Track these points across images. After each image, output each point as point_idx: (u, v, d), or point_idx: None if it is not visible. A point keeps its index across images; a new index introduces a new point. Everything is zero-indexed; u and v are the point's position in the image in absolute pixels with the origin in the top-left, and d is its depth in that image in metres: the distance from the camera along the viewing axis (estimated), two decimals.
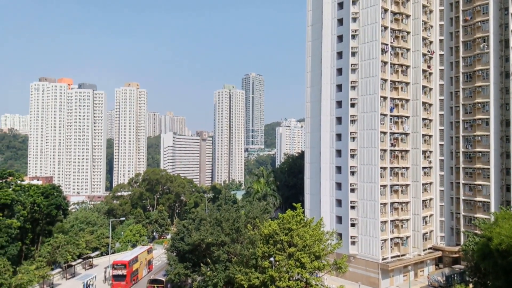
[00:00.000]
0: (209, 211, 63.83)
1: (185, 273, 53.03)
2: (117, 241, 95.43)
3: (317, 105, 74.12)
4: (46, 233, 71.91)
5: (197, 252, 53.71)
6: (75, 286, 62.77)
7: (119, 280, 62.79)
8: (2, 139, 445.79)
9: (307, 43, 77.76)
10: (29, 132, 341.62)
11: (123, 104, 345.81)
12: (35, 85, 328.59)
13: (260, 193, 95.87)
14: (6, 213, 57.84)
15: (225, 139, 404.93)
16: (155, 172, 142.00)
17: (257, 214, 55.21)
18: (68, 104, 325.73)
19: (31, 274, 52.80)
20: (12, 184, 66.98)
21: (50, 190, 69.68)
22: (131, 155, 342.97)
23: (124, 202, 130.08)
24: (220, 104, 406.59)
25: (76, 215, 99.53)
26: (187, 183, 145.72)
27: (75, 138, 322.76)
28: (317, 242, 44.81)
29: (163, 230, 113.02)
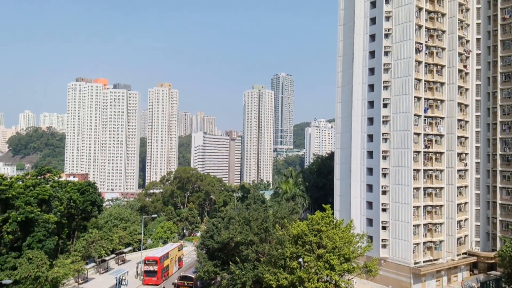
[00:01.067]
0: (238, 210, 64.35)
1: (214, 270, 53.68)
2: (149, 238, 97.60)
3: (348, 105, 73.25)
4: (81, 228, 74.32)
5: (226, 251, 54.25)
6: (108, 281, 64.61)
7: (151, 275, 64.29)
8: (41, 137, 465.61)
9: (338, 42, 76.98)
10: (66, 131, 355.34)
11: (156, 104, 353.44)
12: (72, 85, 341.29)
13: (289, 193, 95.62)
14: (44, 208, 60.05)
15: (254, 139, 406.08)
16: (186, 170, 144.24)
17: (285, 214, 55.21)
18: (103, 103, 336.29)
19: (66, 267, 54.73)
20: (50, 180, 69.56)
21: (86, 187, 72.03)
22: (163, 153, 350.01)
23: (156, 199, 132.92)
24: (250, 104, 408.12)
25: (110, 211, 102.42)
26: (216, 182, 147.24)
27: (110, 136, 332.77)
28: (347, 244, 44.37)
29: (193, 227, 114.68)
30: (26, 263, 49.81)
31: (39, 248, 53.57)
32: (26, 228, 55.15)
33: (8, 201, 54.54)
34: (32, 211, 53.71)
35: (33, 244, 53.86)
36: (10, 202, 54.62)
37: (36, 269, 49.36)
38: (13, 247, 55.48)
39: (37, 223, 55.26)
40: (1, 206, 54.59)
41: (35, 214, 54.21)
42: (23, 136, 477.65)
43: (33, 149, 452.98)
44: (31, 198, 56.10)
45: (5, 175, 60.53)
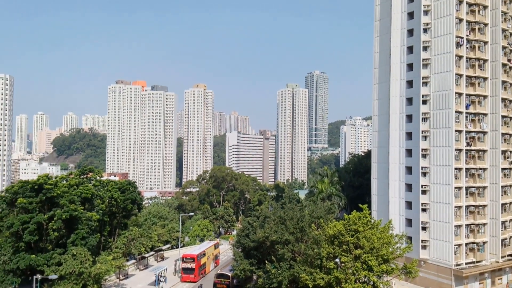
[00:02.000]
0: (273, 209, 64.38)
1: (250, 269, 54.04)
2: (186, 235, 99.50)
3: (385, 102, 71.58)
4: (122, 226, 76.64)
5: (261, 249, 54.47)
6: (148, 277, 66.43)
7: (188, 273, 65.54)
8: (83, 138, 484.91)
9: (374, 38, 75.36)
10: (107, 131, 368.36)
11: (191, 104, 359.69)
12: (112, 87, 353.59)
13: (324, 193, 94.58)
14: (87, 207, 62.47)
15: (288, 138, 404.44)
16: (221, 170, 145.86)
17: (321, 214, 54.70)
18: (142, 105, 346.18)
19: (108, 264, 56.64)
20: (92, 179, 72.36)
21: (126, 186, 74.24)
22: (199, 153, 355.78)
23: (193, 198, 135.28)
24: (283, 103, 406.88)
25: (149, 209, 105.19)
26: (251, 181, 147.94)
27: (148, 137, 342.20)
28: (385, 245, 43.39)
29: (229, 226, 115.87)
30: (70, 259, 51.87)
31: (83, 245, 55.47)
32: (70, 226, 57.49)
33: (53, 200, 57.15)
34: (75, 209, 55.92)
35: (77, 241, 55.82)
36: (55, 201, 57.18)
37: (80, 265, 51.32)
38: (58, 243, 58.08)
39: (80, 221, 57.38)
40: (47, 204, 57.28)
41: (79, 212, 56.42)
42: (67, 137, 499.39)
43: (76, 149, 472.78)
44: (74, 196, 58.40)
45: (50, 174, 63.49)
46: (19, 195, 55.74)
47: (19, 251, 54.90)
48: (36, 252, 55.58)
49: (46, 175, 59.57)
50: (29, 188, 56.39)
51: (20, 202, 54.22)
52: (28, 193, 55.87)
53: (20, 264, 52.84)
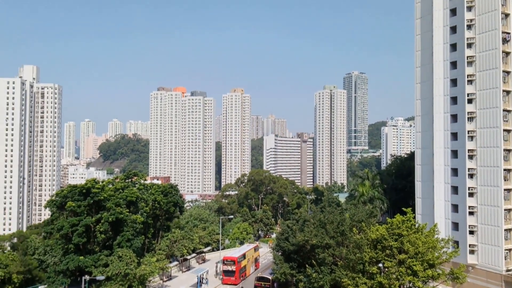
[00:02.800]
0: (312, 212, 63.86)
1: (290, 273, 53.82)
2: (226, 238, 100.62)
3: (428, 102, 69.22)
4: (165, 228, 78.57)
5: (302, 253, 54.13)
6: (190, 279, 67.65)
7: (229, 275, 66.16)
8: (128, 143, 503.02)
9: (415, 36, 73.15)
10: (150, 137, 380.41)
11: (229, 109, 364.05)
12: (154, 94, 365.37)
13: (366, 196, 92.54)
14: (131, 210, 64.50)
15: (326, 141, 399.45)
16: (259, 173, 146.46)
17: (362, 217, 53.61)
18: (182, 110, 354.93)
19: (152, 265, 58.14)
20: (136, 183, 74.76)
21: (169, 189, 76.18)
22: (237, 156, 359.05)
23: (232, 201, 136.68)
24: (321, 105, 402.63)
25: (190, 212, 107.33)
26: (289, 184, 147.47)
27: (188, 141, 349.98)
28: (430, 249, 41.87)
29: (268, 229, 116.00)
30: (116, 261, 53.62)
31: (128, 247, 57.12)
32: (116, 228, 59.51)
33: (100, 203, 59.47)
34: (121, 212, 57.86)
35: (122, 243, 57.52)
36: (102, 204, 59.43)
37: (126, 267, 52.96)
38: (105, 245, 60.17)
39: (126, 223, 59.26)
40: (95, 207, 59.70)
41: (124, 215, 58.33)
42: (112, 142, 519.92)
43: (121, 154, 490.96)
44: (120, 200, 60.46)
45: (97, 179, 66.20)
46: (68, 199, 58.32)
47: (68, 253, 57.11)
48: (84, 253, 57.68)
49: (94, 180, 62.08)
50: (77, 192, 58.92)
51: (69, 206, 56.71)
52: (76, 197, 58.39)
53: (70, 265, 54.82)
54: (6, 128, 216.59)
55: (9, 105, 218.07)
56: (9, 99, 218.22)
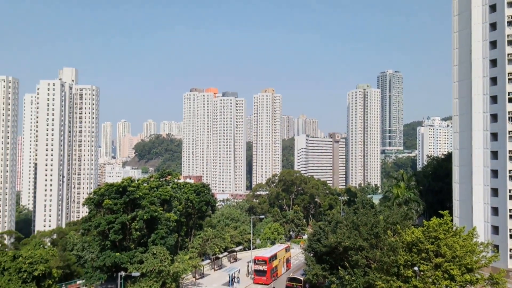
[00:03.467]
0: (345, 214, 63.00)
1: (322, 274, 53.31)
2: (257, 238, 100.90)
3: (466, 101, 66.80)
4: (197, 227, 79.74)
5: (334, 255, 53.50)
6: (222, 277, 68.25)
7: (260, 275, 66.25)
8: (162, 143, 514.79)
9: (453, 34, 70.76)
10: (183, 137, 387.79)
11: (260, 109, 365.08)
12: (187, 95, 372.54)
13: (401, 198, 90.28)
14: (165, 208, 65.79)
15: (360, 141, 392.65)
16: (290, 173, 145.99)
17: (397, 220, 52.32)
18: (213, 111, 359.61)
19: (185, 263, 59.07)
20: (170, 182, 76.28)
21: (201, 188, 77.23)
22: (268, 156, 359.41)
23: (263, 201, 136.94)
24: (354, 104, 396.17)
25: (222, 211, 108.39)
26: (320, 185, 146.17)
27: (220, 141, 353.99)
28: (469, 253, 40.37)
29: (299, 230, 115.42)
30: (151, 258, 54.81)
31: (162, 244, 58.23)
32: (151, 226, 60.82)
33: (135, 201, 60.95)
34: (156, 210, 59.09)
35: (156, 240, 58.67)
36: (137, 202, 60.87)
37: (160, 264, 54.06)
38: (140, 242, 61.64)
39: (160, 221, 60.52)
40: (130, 205, 61.27)
41: (158, 213, 59.57)
42: (147, 142, 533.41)
43: (155, 154, 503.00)
44: (154, 198, 61.85)
45: (132, 178, 67.96)
46: (105, 197, 60.06)
47: (105, 249, 58.59)
48: (120, 250, 59.08)
49: (129, 178, 63.71)
50: (114, 190, 60.58)
51: (106, 204, 58.43)
52: (113, 195, 60.03)
53: (106, 261, 56.14)
54: (47, 128, 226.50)
55: (49, 106, 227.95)
56: (49, 100, 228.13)
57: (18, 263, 46.95)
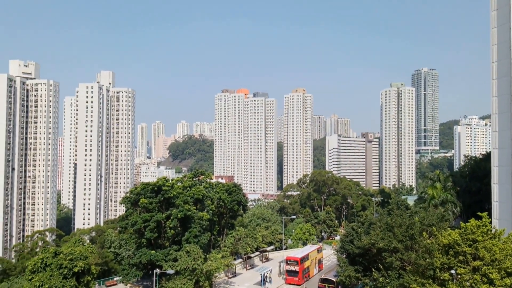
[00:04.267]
0: (379, 215, 61.96)
1: (355, 276, 52.73)
2: (289, 238, 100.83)
3: (506, 99, 64.05)
4: (229, 226, 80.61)
5: (367, 256, 52.80)
6: (254, 277, 68.64)
7: (292, 275, 66.23)
8: (194, 143, 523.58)
9: (491, 29, 68.02)
10: (215, 137, 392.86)
11: (290, 109, 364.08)
12: (218, 96, 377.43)
13: (436, 199, 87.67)
14: (198, 207, 66.91)
15: (393, 141, 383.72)
16: (322, 173, 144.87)
17: (433, 221, 51.05)
18: (244, 111, 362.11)
19: (218, 262, 59.80)
20: (203, 182, 77.57)
21: (233, 188, 78.05)
22: (299, 157, 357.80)
23: (294, 201, 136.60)
24: (387, 103, 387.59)
25: (253, 211, 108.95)
26: (353, 186, 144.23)
27: (250, 141, 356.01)
28: (509, 256, 38.89)
29: (331, 231, 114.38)
30: (185, 256, 55.83)
31: (195, 243, 59.25)
32: (185, 224, 62.08)
33: (170, 200, 62.40)
34: (189, 209, 60.22)
35: (190, 239, 59.78)
36: (172, 201, 62.28)
37: (193, 262, 54.98)
38: (174, 241, 62.90)
39: (193, 220, 61.67)
40: (165, 204, 62.78)
41: (192, 212, 60.71)
42: (180, 143, 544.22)
43: (188, 154, 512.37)
44: (188, 197, 63.02)
45: (167, 177, 69.61)
46: (141, 196, 61.83)
47: (141, 247, 60.28)
48: (155, 248, 60.68)
49: (164, 178, 65.29)
50: (149, 189, 62.28)
51: (142, 202, 60.12)
52: (148, 194, 61.74)
53: (142, 258, 57.72)
54: (86, 130, 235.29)
55: (88, 108, 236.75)
56: (88, 103, 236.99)
57: (59, 259, 48.69)
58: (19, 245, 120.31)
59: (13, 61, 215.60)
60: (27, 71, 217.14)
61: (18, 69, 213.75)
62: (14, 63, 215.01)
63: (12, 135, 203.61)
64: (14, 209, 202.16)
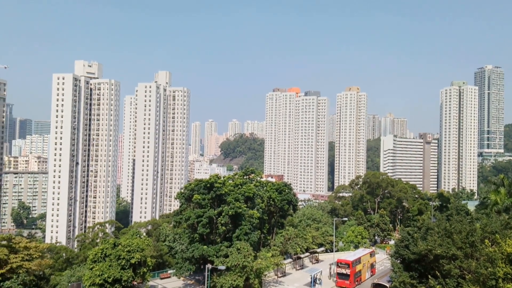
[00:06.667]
0: (437, 220, 59.08)
1: (410, 282, 50.67)
2: (340, 240, 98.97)
3: None
4: (279, 225, 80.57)
5: (423, 263, 50.55)
6: (303, 278, 68.15)
7: (343, 278, 64.93)
8: (245, 142, 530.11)
9: None
10: (265, 136, 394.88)
11: (343, 108, 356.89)
12: (269, 95, 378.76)
13: (500, 205, 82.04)
14: (248, 205, 67.47)
15: (454, 142, 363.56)
16: (376, 175, 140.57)
17: (496, 228, 47.76)
18: (295, 110, 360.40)
19: (268, 260, 60.10)
20: (253, 180, 78.18)
21: (283, 187, 77.98)
22: (351, 157, 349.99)
23: (346, 203, 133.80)
24: (448, 103, 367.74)
25: (303, 211, 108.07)
26: (409, 189, 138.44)
27: (301, 141, 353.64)
28: None
29: (385, 235, 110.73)
30: (235, 253, 56.56)
31: (246, 240, 59.87)
32: (235, 221, 62.89)
33: (221, 197, 63.51)
34: (240, 206, 60.90)
35: (240, 236, 60.55)
36: (223, 198, 63.40)
37: (243, 259, 55.52)
38: (225, 237, 64.09)
39: (243, 218, 62.30)
40: (217, 201, 64.05)
41: (242, 209, 61.34)
42: (231, 141, 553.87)
43: (239, 152, 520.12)
44: (239, 195, 63.80)
45: (219, 174, 70.92)
46: (195, 192, 63.53)
47: (193, 242, 61.87)
48: (207, 243, 62.13)
49: (216, 175, 66.64)
50: (202, 186, 63.83)
51: (196, 198, 61.72)
52: (201, 190, 63.26)
53: (195, 253, 59.32)
54: (144, 127, 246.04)
55: (146, 107, 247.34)
56: (146, 102, 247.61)
57: (117, 250, 51.15)
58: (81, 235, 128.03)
59: (78, 61, 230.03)
60: (90, 71, 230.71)
61: (83, 69, 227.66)
62: (79, 63, 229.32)
63: (77, 131, 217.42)
64: (77, 202, 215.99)
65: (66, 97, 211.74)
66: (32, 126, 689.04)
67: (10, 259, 43.49)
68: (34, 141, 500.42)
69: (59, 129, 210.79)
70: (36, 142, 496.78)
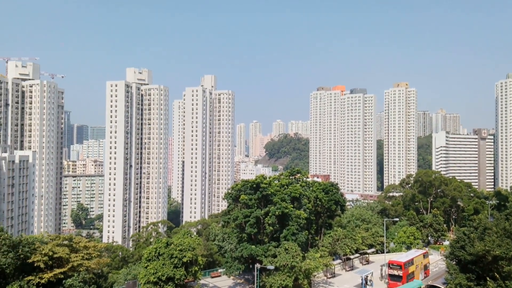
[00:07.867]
0: (495, 219, 56.14)
1: (467, 284, 48.55)
2: (391, 241, 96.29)
3: None
4: (327, 226, 79.82)
5: (481, 264, 48.26)
6: (353, 279, 66.98)
7: (395, 280, 63.22)
8: (289, 142, 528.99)
9: None
10: (310, 136, 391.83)
11: (392, 105, 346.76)
12: (314, 94, 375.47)
13: None
14: (295, 205, 67.37)
15: (511, 137, 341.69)
16: (428, 174, 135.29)
17: None
18: (341, 109, 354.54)
19: (316, 261, 59.65)
20: (299, 180, 77.96)
21: (330, 187, 77.17)
22: (401, 156, 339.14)
23: (396, 203, 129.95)
24: (504, 96, 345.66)
25: (352, 211, 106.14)
26: (464, 187, 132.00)
27: (347, 140, 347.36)
28: None
29: (439, 235, 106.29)
30: (283, 253, 56.75)
31: (293, 241, 59.87)
32: (282, 222, 63.00)
33: (268, 197, 63.90)
34: (286, 206, 61.05)
35: (288, 236, 60.59)
36: (270, 198, 63.75)
37: (292, 259, 55.57)
38: (273, 237, 64.38)
39: (290, 218, 62.34)
40: (263, 201, 64.56)
41: (289, 210, 61.42)
42: (276, 142, 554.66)
43: (284, 153, 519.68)
44: (285, 195, 63.98)
45: (264, 175, 71.45)
46: (242, 192, 64.38)
47: (242, 241, 62.66)
48: (255, 243, 62.80)
49: (262, 176, 67.14)
50: (249, 186, 64.55)
51: (243, 199, 62.58)
52: (248, 191, 64.02)
53: (244, 252, 59.99)
54: (192, 130, 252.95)
55: (193, 110, 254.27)
56: (193, 105, 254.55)
57: (170, 249, 52.91)
58: (136, 235, 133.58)
59: (129, 68, 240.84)
60: (141, 78, 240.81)
61: (134, 75, 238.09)
62: (130, 70, 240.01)
63: (130, 135, 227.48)
64: (131, 202, 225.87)
65: (119, 103, 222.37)
66: (88, 132, 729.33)
67: (71, 258, 46.34)
68: (90, 145, 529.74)
69: (113, 133, 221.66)
70: (92, 146, 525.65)
